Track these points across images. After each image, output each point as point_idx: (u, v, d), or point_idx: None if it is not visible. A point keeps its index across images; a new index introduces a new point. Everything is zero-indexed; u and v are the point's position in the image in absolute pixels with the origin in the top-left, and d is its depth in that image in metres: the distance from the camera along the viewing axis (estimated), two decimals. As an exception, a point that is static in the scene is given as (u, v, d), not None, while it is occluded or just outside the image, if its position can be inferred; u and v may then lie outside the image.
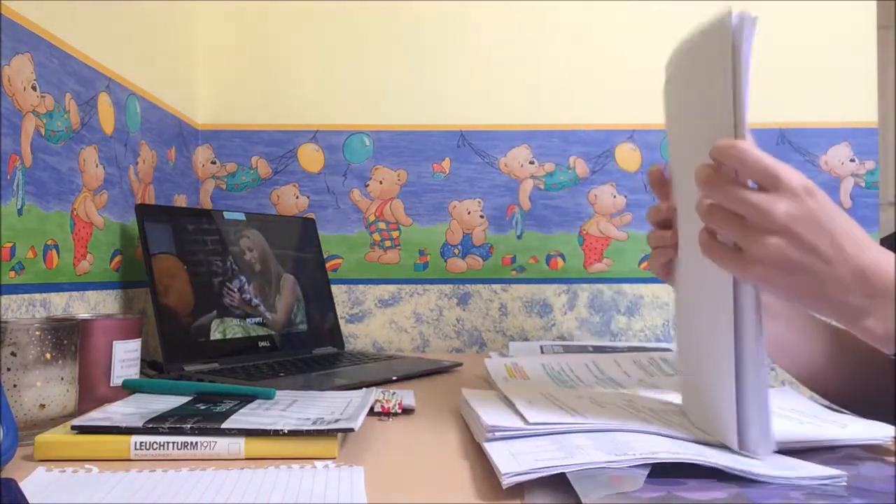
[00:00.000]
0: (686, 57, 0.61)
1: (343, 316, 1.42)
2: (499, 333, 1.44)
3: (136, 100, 1.15)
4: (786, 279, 0.53)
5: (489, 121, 1.45)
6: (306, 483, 0.53)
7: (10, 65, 0.82)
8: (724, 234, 0.55)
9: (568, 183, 1.45)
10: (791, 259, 0.53)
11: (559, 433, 0.59)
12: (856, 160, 1.44)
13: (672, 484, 0.50)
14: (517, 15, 1.46)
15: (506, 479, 0.49)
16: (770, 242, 0.52)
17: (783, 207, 0.52)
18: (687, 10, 1.40)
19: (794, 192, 0.52)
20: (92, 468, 0.57)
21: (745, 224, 0.53)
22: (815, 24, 1.45)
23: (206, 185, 1.45)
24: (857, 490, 0.49)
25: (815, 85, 1.44)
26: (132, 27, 1.15)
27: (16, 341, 0.66)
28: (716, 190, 0.54)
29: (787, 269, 0.53)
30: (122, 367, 0.82)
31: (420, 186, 1.45)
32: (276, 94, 1.46)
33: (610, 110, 1.45)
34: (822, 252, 0.53)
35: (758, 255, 0.53)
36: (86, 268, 0.99)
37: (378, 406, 0.76)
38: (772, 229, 0.52)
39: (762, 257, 0.53)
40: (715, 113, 0.56)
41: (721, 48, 0.53)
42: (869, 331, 0.55)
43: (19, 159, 0.84)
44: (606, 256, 1.45)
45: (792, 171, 0.53)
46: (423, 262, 1.45)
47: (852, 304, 0.54)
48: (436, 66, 1.46)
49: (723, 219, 0.54)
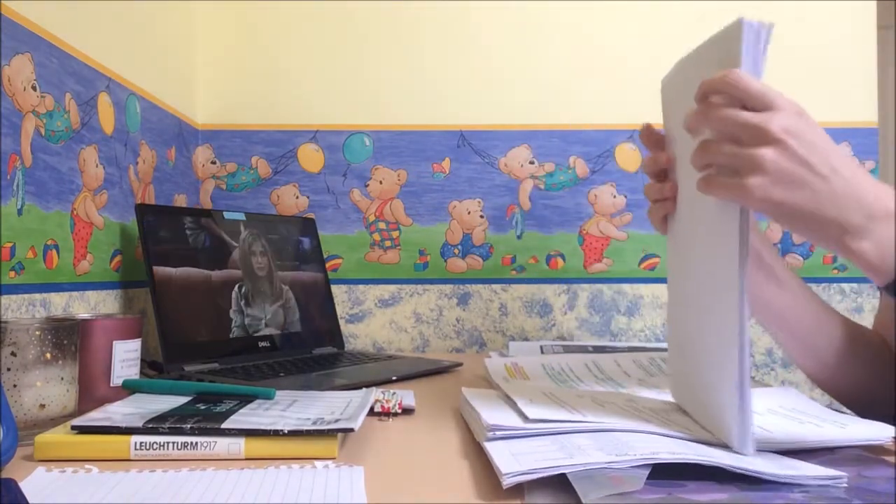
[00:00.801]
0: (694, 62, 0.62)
1: (343, 316, 1.42)
2: (499, 333, 1.44)
3: (136, 100, 1.15)
4: (782, 192, 0.54)
5: (489, 121, 1.45)
6: (306, 483, 0.53)
7: (10, 65, 0.82)
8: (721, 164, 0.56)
9: (568, 183, 1.45)
10: (787, 170, 0.53)
11: (560, 433, 0.59)
12: (856, 160, 1.44)
13: (672, 485, 0.50)
14: (517, 15, 1.46)
15: (506, 479, 0.49)
16: (766, 153, 0.53)
17: (779, 120, 0.53)
18: (687, 10, 1.41)
19: (788, 111, 0.54)
20: (92, 468, 0.57)
21: (741, 144, 0.54)
22: (815, 24, 1.45)
23: (206, 185, 1.45)
24: (858, 491, 0.49)
25: (815, 85, 1.44)
26: (132, 27, 1.15)
27: (16, 341, 0.66)
28: (710, 119, 0.55)
29: (784, 181, 0.54)
30: (122, 367, 0.82)
31: (420, 186, 1.45)
32: (276, 94, 1.46)
33: (610, 110, 1.45)
34: (817, 167, 0.54)
35: (754, 168, 0.53)
36: (86, 268, 0.99)
37: (378, 406, 0.76)
38: (767, 141, 0.53)
39: (758, 168, 0.53)
40: None
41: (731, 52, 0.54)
42: (862, 254, 0.55)
43: (19, 159, 0.84)
44: (606, 256, 1.45)
45: (784, 95, 0.55)
46: (423, 262, 1.45)
47: (850, 223, 0.55)
48: (436, 66, 1.46)
49: (718, 146, 0.56)
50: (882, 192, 0.56)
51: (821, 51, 1.44)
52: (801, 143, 0.53)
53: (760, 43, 0.53)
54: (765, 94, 0.54)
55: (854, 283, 1.43)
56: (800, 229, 0.58)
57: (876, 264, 0.55)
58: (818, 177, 0.54)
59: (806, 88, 1.44)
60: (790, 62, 1.44)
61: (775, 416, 0.68)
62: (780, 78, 1.52)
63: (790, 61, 1.44)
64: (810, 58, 1.44)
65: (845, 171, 0.55)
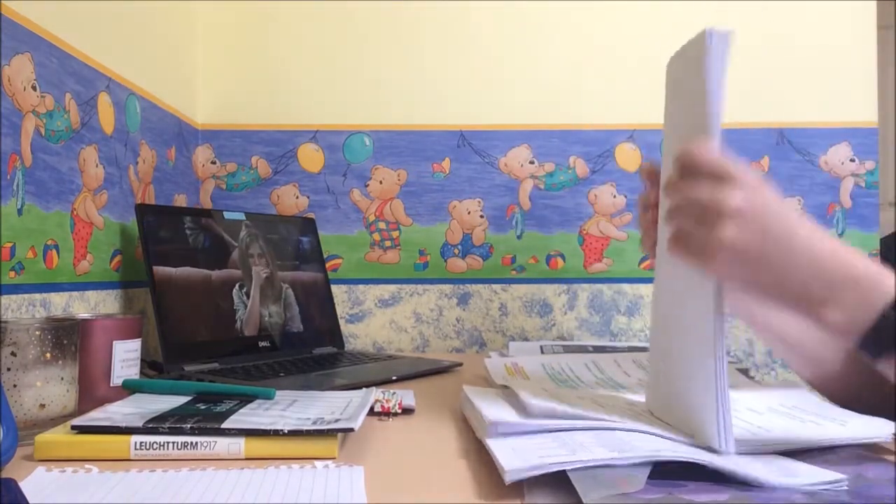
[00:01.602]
0: (679, 66, 0.65)
1: (343, 316, 1.42)
2: (499, 333, 1.44)
3: (136, 100, 1.15)
4: (744, 268, 0.55)
5: (489, 121, 1.45)
6: (306, 483, 0.53)
7: (10, 65, 0.81)
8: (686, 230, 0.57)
9: (568, 183, 1.45)
10: (746, 244, 0.54)
11: (562, 430, 0.59)
12: (856, 160, 1.44)
13: (673, 485, 0.50)
14: (517, 15, 1.46)
15: (508, 475, 0.49)
16: (725, 228, 0.54)
17: (736, 195, 0.54)
18: (687, 10, 1.41)
19: (746, 184, 0.55)
20: (92, 468, 0.57)
21: (703, 216, 0.55)
22: (815, 24, 1.45)
23: (206, 184, 1.45)
24: (859, 492, 0.49)
25: (815, 85, 1.44)
26: (132, 27, 1.15)
27: (16, 341, 0.66)
28: (676, 190, 0.58)
29: (744, 256, 0.54)
30: (122, 367, 0.82)
31: (420, 186, 1.45)
32: (276, 94, 1.46)
33: (610, 110, 1.45)
34: (776, 239, 0.55)
35: (715, 243, 0.54)
36: (86, 268, 0.99)
37: (378, 406, 0.76)
38: (725, 215, 0.54)
39: (719, 244, 0.54)
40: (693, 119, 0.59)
41: (698, 62, 0.57)
42: (831, 323, 0.55)
43: (19, 159, 0.84)
44: (606, 256, 1.45)
45: (744, 167, 0.56)
46: (423, 262, 1.45)
47: (813, 295, 0.55)
48: (436, 66, 1.46)
49: (683, 215, 0.57)
50: (844, 258, 0.55)
51: (821, 51, 1.44)
52: (759, 216, 0.54)
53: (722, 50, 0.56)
54: (722, 167, 0.55)
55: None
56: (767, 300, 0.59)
57: (845, 330, 0.55)
58: (777, 249, 0.55)
59: (806, 88, 1.44)
60: (790, 62, 1.44)
61: (775, 414, 0.68)
62: (780, 78, 1.52)
63: (790, 61, 1.44)
64: (810, 58, 1.44)
65: (804, 238, 0.55)
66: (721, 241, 0.54)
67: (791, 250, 0.55)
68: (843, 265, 0.55)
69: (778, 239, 0.55)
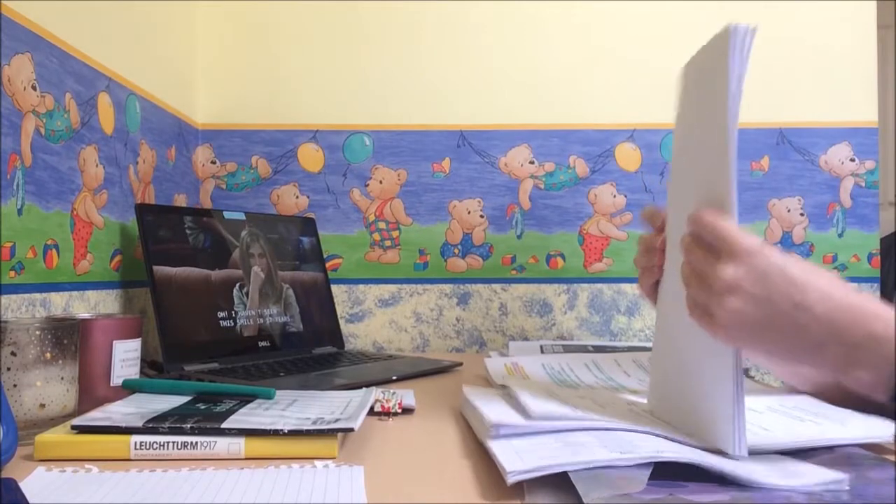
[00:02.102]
0: (695, 67, 0.64)
1: (343, 316, 1.42)
2: (499, 333, 1.44)
3: (136, 99, 1.15)
4: (755, 337, 0.54)
5: (489, 121, 1.45)
6: (306, 483, 0.53)
7: (10, 65, 0.81)
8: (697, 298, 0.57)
9: (568, 183, 1.45)
10: (751, 316, 0.53)
11: (563, 431, 0.59)
12: (856, 160, 1.44)
13: (673, 486, 0.50)
14: (517, 15, 1.46)
15: (510, 477, 0.49)
16: (727, 302, 0.54)
17: (728, 270, 0.54)
18: (687, 11, 1.41)
19: (736, 255, 0.54)
20: (92, 468, 0.57)
21: (710, 287, 0.55)
22: (815, 24, 1.45)
23: (206, 184, 1.45)
24: (859, 493, 0.49)
25: (815, 85, 1.44)
26: (132, 27, 1.15)
27: (16, 341, 0.66)
28: (686, 254, 0.58)
29: (752, 327, 0.54)
30: (122, 367, 0.82)
31: (420, 186, 1.45)
32: (276, 94, 1.46)
33: (610, 110, 1.45)
34: (779, 305, 0.53)
35: (722, 317, 0.54)
36: (86, 267, 0.99)
37: (378, 406, 0.76)
38: (724, 290, 0.54)
39: (726, 318, 0.54)
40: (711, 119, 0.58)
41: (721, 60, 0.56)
42: (860, 382, 0.54)
43: (19, 159, 0.84)
44: (606, 256, 1.45)
45: (741, 234, 0.54)
46: (423, 261, 1.45)
47: (833, 356, 0.53)
48: (436, 66, 1.46)
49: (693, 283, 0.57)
50: (859, 312, 0.53)
51: (821, 51, 1.44)
52: (757, 284, 0.53)
53: (745, 47, 0.56)
54: (719, 237, 0.55)
55: (854, 282, 1.43)
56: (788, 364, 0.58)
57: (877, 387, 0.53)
58: (783, 315, 0.53)
59: (806, 88, 1.44)
60: (790, 62, 1.44)
61: (775, 413, 0.68)
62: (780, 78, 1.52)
63: (790, 61, 1.44)
64: (810, 58, 1.44)
65: (812, 298, 0.53)
66: (726, 316, 0.54)
67: (802, 314, 0.53)
68: (859, 321, 0.53)
69: (784, 305, 0.53)
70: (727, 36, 0.56)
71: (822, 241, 1.44)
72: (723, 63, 0.56)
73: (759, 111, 1.43)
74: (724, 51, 0.56)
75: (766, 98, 1.43)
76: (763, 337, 0.54)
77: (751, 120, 1.43)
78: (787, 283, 0.53)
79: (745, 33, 0.55)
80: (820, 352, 0.54)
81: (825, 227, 1.44)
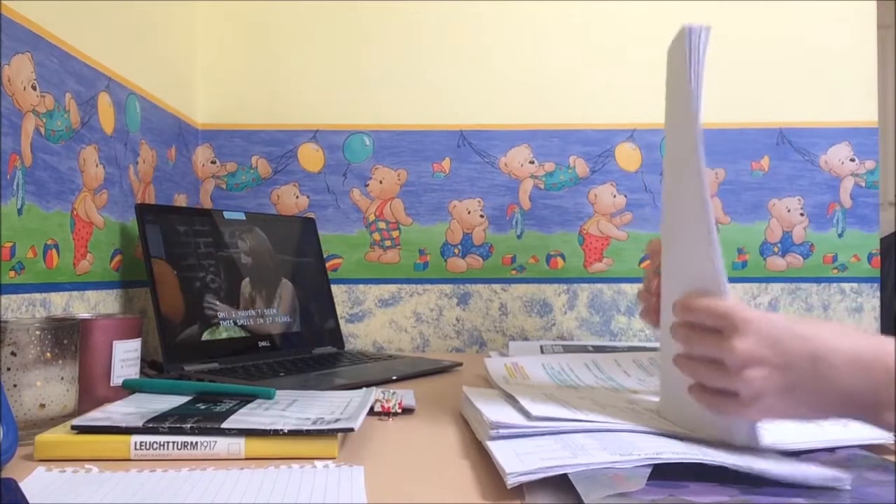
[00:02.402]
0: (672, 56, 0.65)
1: (343, 316, 1.42)
2: (499, 333, 1.44)
3: (136, 99, 1.15)
4: (784, 401, 0.54)
5: (489, 121, 1.45)
6: (306, 483, 0.53)
7: (10, 64, 0.81)
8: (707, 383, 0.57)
9: (568, 183, 1.45)
10: (775, 381, 0.53)
11: (563, 432, 0.59)
12: (856, 160, 1.44)
13: (674, 486, 0.50)
14: (517, 15, 1.46)
15: (510, 478, 0.49)
16: (748, 375, 0.53)
17: (738, 345, 0.53)
18: (687, 10, 1.41)
19: (739, 328, 0.54)
20: (92, 468, 0.57)
21: (721, 368, 0.55)
22: (815, 24, 1.45)
23: (206, 184, 1.45)
24: (860, 493, 0.49)
25: (815, 85, 1.44)
26: (132, 27, 1.15)
27: (16, 341, 0.66)
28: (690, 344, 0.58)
29: (779, 393, 0.53)
30: (122, 367, 0.82)
31: (420, 186, 1.45)
32: (276, 94, 1.46)
33: (610, 110, 1.45)
34: (798, 362, 0.53)
35: (747, 392, 0.54)
36: (86, 267, 0.99)
37: (378, 406, 0.76)
38: (741, 365, 0.53)
39: (752, 391, 0.53)
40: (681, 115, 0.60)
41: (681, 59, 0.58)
42: (889, 425, 0.53)
43: (19, 159, 0.84)
44: (606, 256, 1.45)
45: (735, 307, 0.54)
46: (423, 261, 1.45)
47: (859, 405, 0.53)
48: (436, 66, 1.46)
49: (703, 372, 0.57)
50: (876, 354, 0.53)
51: (821, 51, 1.44)
52: (771, 349, 0.53)
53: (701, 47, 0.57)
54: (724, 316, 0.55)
55: (854, 282, 1.43)
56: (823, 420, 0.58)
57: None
58: (805, 373, 0.53)
59: (806, 88, 1.44)
60: (790, 62, 1.44)
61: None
62: (780, 78, 1.52)
63: (790, 61, 1.44)
64: (810, 58, 1.44)
65: (829, 353, 0.53)
66: (752, 389, 0.53)
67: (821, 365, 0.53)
68: (878, 365, 0.52)
69: (803, 362, 0.53)
70: (683, 37, 0.57)
71: (822, 242, 1.44)
72: (683, 65, 0.57)
73: (760, 111, 1.43)
74: (682, 51, 0.57)
75: (766, 98, 1.43)
76: (791, 399, 0.54)
77: (751, 120, 1.43)
78: (798, 339, 0.53)
79: (699, 33, 0.57)
80: (846, 403, 0.53)
81: (825, 227, 1.44)
